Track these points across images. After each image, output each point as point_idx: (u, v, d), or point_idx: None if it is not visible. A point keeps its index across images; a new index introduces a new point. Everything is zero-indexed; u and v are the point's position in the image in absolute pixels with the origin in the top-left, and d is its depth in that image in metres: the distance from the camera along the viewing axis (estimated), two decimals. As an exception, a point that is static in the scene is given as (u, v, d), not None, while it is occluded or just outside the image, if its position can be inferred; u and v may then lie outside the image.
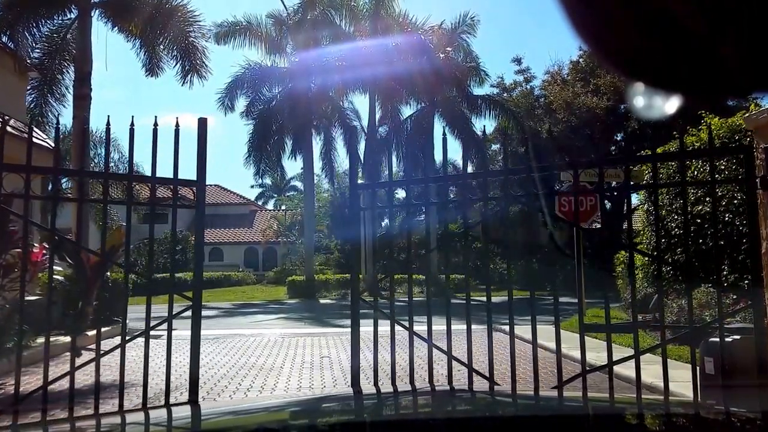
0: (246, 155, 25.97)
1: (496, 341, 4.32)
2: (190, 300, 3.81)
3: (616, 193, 17.60)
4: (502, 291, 4.66)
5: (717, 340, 3.85)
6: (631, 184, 7.67)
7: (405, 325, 3.97)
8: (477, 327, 4.23)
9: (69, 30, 16.27)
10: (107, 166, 4.13)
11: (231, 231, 39.32)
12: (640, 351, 3.77)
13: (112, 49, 51.93)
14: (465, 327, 3.98)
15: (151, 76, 16.83)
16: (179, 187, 3.94)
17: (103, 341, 3.76)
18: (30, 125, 3.89)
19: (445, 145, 4.26)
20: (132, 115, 3.72)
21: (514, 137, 25.10)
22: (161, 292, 4.20)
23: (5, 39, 14.72)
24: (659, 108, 1.13)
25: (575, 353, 4.93)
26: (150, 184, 3.86)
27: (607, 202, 23.69)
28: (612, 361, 3.73)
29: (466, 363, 3.82)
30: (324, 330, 12.49)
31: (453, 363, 3.89)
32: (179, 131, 3.78)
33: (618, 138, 27.07)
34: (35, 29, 15.65)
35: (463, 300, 3.99)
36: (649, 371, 3.88)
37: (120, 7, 15.67)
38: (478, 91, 26.93)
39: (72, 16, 15.95)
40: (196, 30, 16.53)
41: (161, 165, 3.86)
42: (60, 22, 16.28)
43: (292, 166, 77.70)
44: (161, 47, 16.46)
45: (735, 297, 7.12)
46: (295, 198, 42.26)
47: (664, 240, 8.57)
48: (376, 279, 4.45)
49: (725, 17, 0.64)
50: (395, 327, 4.12)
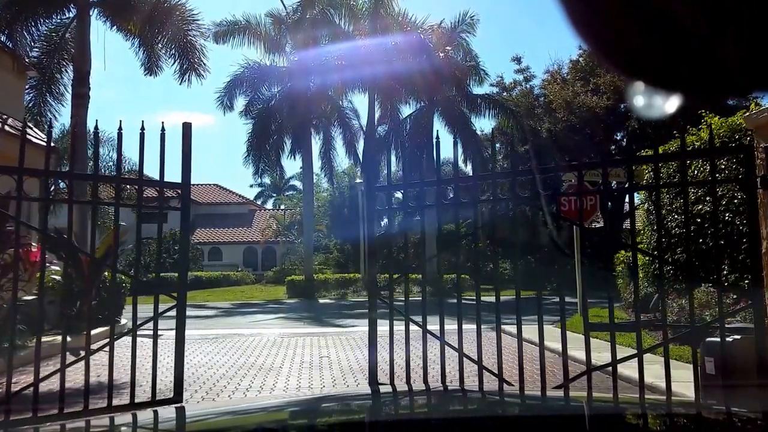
0: (245, 154, 26.00)
1: (493, 341, 4.34)
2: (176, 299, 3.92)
3: (616, 193, 17.64)
4: (503, 291, 4.72)
5: (717, 339, 3.84)
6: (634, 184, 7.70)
7: (419, 323, 4.15)
8: (470, 327, 4.28)
9: (68, 29, 16.26)
10: (96, 168, 4.33)
11: (230, 230, 39.33)
12: (642, 350, 3.77)
13: (110, 48, 51.93)
14: (468, 327, 4.10)
15: (150, 75, 16.84)
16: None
17: (103, 341, 3.82)
18: (23, 127, 3.90)
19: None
20: (120, 120, 3.94)
21: (514, 137, 25.07)
22: (154, 292, 4.26)
23: (4, 38, 14.72)
24: (659, 107, 1.12)
25: (576, 353, 4.93)
26: (137, 186, 4.04)
27: (606, 201, 23.68)
28: (616, 359, 3.74)
29: (476, 361, 3.98)
30: (323, 330, 12.48)
31: (463, 361, 4.02)
32: (165, 136, 3.90)
33: (618, 137, 27.06)
34: (34, 28, 15.66)
35: (466, 300, 4.13)
36: (649, 371, 3.89)
37: (119, 6, 15.64)
38: (477, 91, 26.95)
39: (71, 14, 15.95)
40: (194, 29, 16.55)
41: (159, 165, 3.91)
42: (59, 21, 16.30)
43: (291, 165, 77.55)
44: (159, 46, 16.44)
45: (735, 297, 7.11)
46: (294, 197, 42.23)
47: (664, 240, 8.56)
48: (391, 278, 4.60)
49: (725, 16, 0.64)
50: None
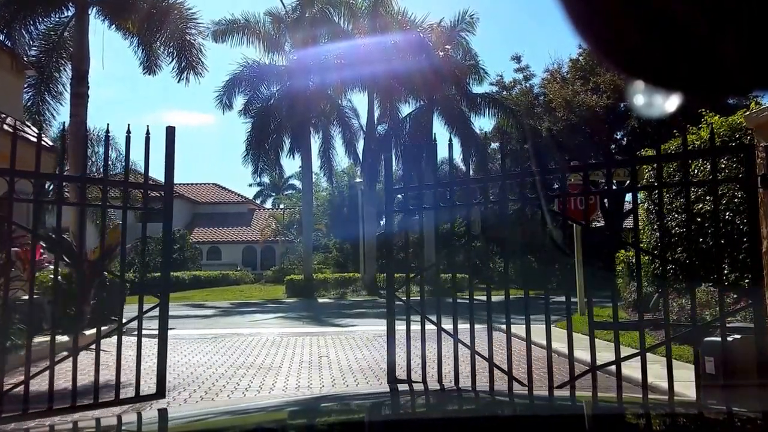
0: (244, 153, 25.95)
1: (498, 341, 4.37)
2: (158, 299, 4.12)
3: (618, 193, 17.65)
4: (500, 291, 4.76)
5: (717, 339, 3.84)
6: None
7: (434, 321, 4.33)
8: (480, 327, 4.32)
9: (66, 28, 16.24)
10: (84, 170, 4.47)
11: (229, 230, 39.32)
12: (645, 349, 3.77)
13: (109, 47, 51.85)
14: (478, 326, 4.27)
15: (149, 74, 16.84)
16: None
17: (103, 340, 3.92)
18: (14, 131, 3.89)
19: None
20: (107, 123, 4.10)
21: (513, 136, 25.07)
22: (138, 292, 4.43)
23: (2, 37, 14.69)
24: (659, 106, 1.11)
25: (578, 353, 4.97)
26: (122, 188, 4.33)
27: (607, 201, 23.71)
28: (620, 358, 3.76)
29: (487, 359, 4.14)
30: (323, 329, 12.48)
31: (475, 359, 4.22)
32: (149, 139, 4.03)
33: (618, 136, 27.03)
34: (32, 27, 15.64)
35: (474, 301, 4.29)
36: (650, 371, 3.89)
37: (117, 5, 15.63)
38: (477, 90, 26.92)
39: (69, 13, 15.94)
40: (193, 27, 16.53)
41: (157, 164, 3.99)
42: (57, 19, 16.28)
43: (290, 164, 77.47)
44: (158, 45, 16.43)
45: (735, 296, 7.10)
46: (294, 197, 42.22)
47: (666, 239, 8.56)
48: (408, 277, 4.73)
49: (725, 15, 0.64)
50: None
